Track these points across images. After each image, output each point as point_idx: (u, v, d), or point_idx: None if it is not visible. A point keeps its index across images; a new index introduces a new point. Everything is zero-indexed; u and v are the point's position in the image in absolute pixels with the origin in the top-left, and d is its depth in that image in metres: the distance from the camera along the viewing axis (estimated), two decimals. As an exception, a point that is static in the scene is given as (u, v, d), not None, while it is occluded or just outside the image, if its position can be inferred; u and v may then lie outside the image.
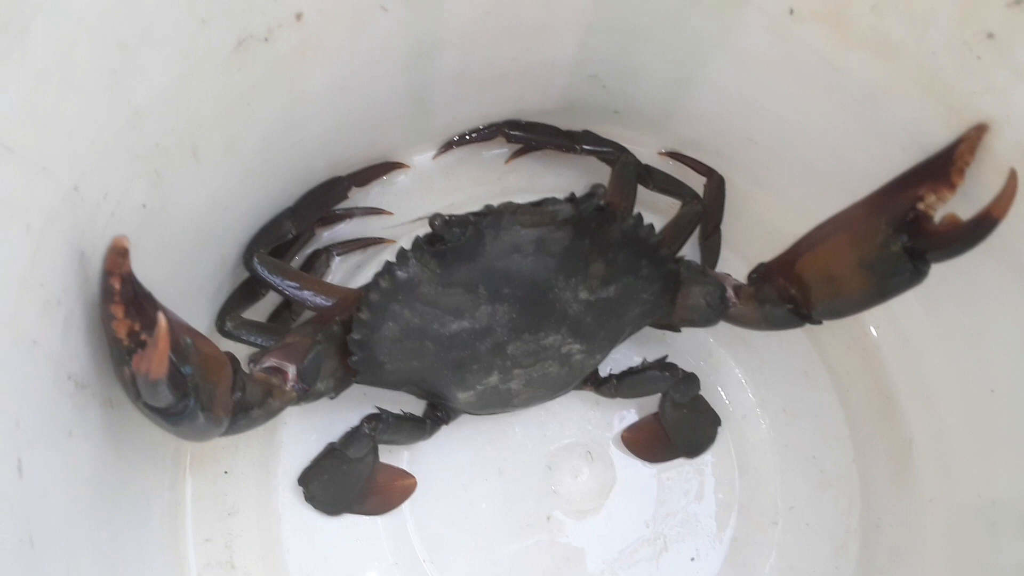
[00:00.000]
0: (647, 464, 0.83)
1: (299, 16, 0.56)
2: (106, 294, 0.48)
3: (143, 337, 0.48)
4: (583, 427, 0.82)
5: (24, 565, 0.44)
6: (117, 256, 0.48)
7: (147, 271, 0.52)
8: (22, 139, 0.41)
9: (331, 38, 0.60)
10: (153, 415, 0.50)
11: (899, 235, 0.59)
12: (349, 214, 0.81)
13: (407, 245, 0.63)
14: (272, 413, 0.61)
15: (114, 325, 0.48)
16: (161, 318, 0.44)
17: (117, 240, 0.47)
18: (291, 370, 0.62)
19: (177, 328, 0.50)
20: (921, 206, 0.59)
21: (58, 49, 0.42)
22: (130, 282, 0.48)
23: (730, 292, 0.70)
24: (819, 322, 0.67)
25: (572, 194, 0.63)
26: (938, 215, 0.59)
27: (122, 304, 0.48)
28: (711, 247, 0.80)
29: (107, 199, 0.50)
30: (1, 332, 0.42)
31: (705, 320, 0.72)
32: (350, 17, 0.60)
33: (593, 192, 0.63)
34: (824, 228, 0.65)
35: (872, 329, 0.82)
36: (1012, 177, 0.55)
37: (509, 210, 0.61)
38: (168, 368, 0.46)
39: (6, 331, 0.43)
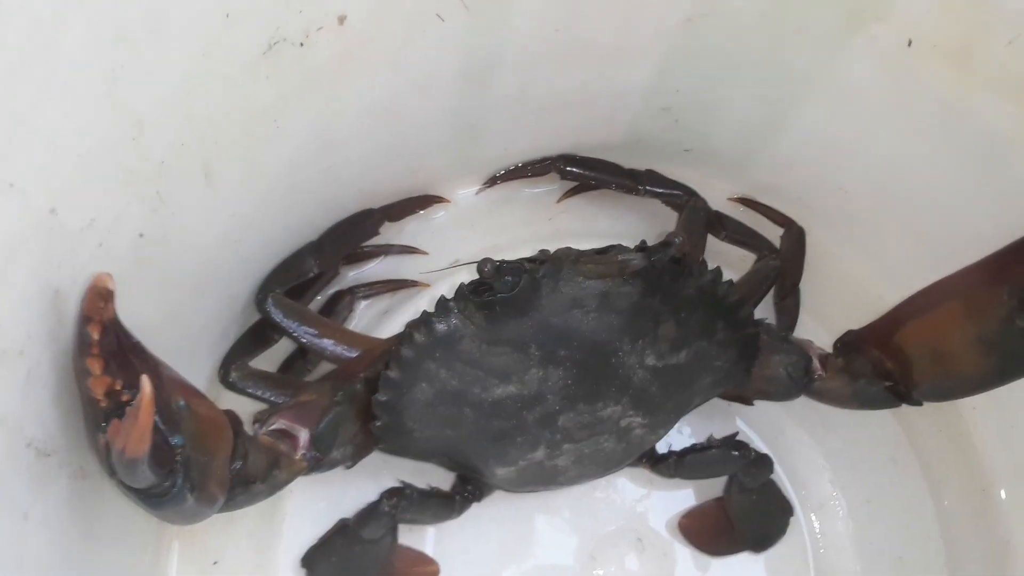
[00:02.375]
0: (706, 556, 0.78)
1: (342, 19, 0.54)
2: (82, 344, 0.44)
3: (124, 398, 0.44)
4: (633, 510, 0.78)
5: None
6: (97, 298, 0.43)
7: (139, 312, 0.48)
8: None
9: (377, 47, 0.58)
10: (131, 495, 0.45)
11: None
12: (379, 252, 0.79)
13: (447, 292, 0.60)
14: (277, 487, 0.56)
15: (90, 383, 0.43)
16: (146, 383, 0.38)
17: (98, 279, 0.43)
18: (303, 435, 0.58)
19: (169, 387, 0.45)
20: None
21: (38, 36, 0.39)
22: (113, 330, 0.44)
23: (816, 363, 0.66)
24: (919, 403, 0.63)
25: (643, 242, 0.60)
26: None
27: (101, 358, 0.44)
28: (788, 308, 0.76)
29: (93, 226, 0.46)
30: None
31: (784, 393, 0.68)
32: (401, 24, 0.57)
33: (669, 241, 0.60)
34: (930, 294, 0.62)
35: (970, 413, 0.77)
36: None
37: (570, 258, 0.58)
38: (152, 442, 0.41)
39: None
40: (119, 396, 0.43)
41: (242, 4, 0.48)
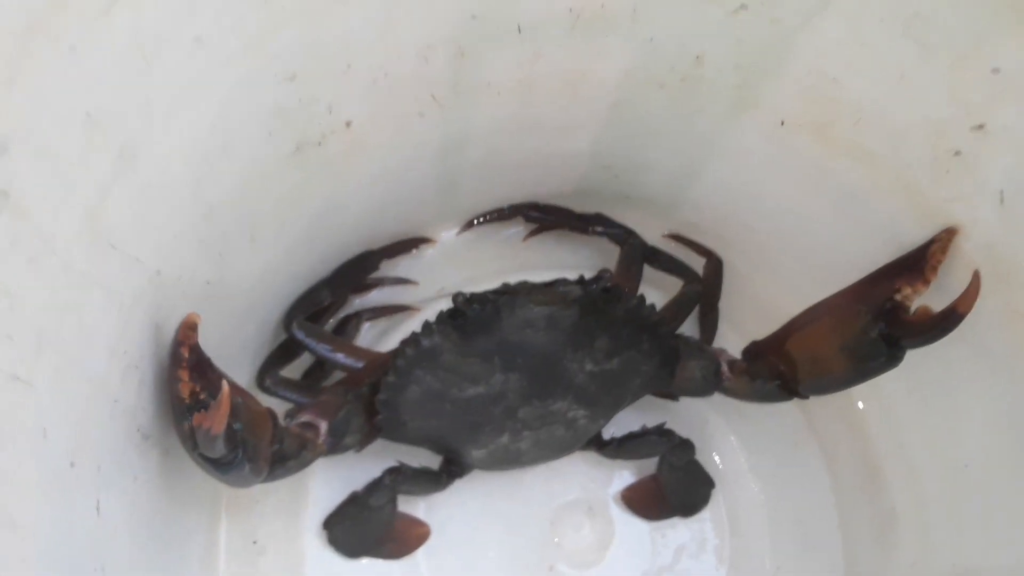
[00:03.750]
0: (644, 521, 0.85)
1: (348, 124, 0.61)
2: (175, 360, 0.53)
3: (202, 397, 0.52)
4: (585, 485, 0.84)
5: None
6: (188, 329, 0.53)
7: (205, 336, 0.56)
8: (124, 238, 0.47)
9: (374, 140, 0.65)
10: (207, 465, 0.54)
11: (877, 323, 0.62)
12: (379, 283, 0.84)
13: (431, 317, 0.65)
14: (304, 464, 0.64)
15: (180, 387, 0.52)
16: (225, 385, 0.50)
17: (190, 316, 0.53)
18: (323, 426, 0.65)
19: (234, 390, 0.53)
20: (898, 297, 0.63)
21: (157, 168, 0.48)
22: (196, 350, 0.54)
23: (724, 367, 0.73)
24: (806, 397, 0.70)
25: (581, 276, 0.66)
26: (913, 306, 0.62)
27: (188, 369, 0.53)
28: (709, 323, 0.82)
29: (180, 280, 0.55)
30: (94, 392, 0.48)
31: (701, 391, 0.74)
32: (392, 123, 0.64)
33: (600, 276, 0.66)
34: (811, 312, 0.68)
35: (860, 403, 0.83)
36: (976, 277, 0.60)
37: (524, 290, 0.64)
38: (226, 425, 0.51)
39: (97, 391, 0.48)
40: (198, 395, 0.52)
41: (280, 125, 0.56)
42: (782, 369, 0.69)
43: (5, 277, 0.38)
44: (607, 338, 0.66)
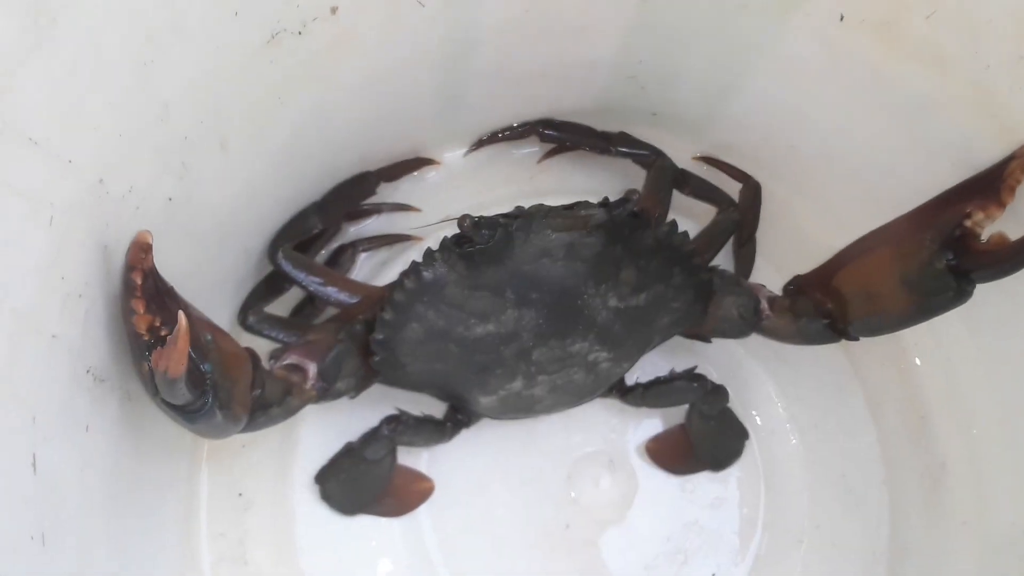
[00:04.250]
0: (670, 476, 0.83)
1: (334, 10, 0.58)
2: (127, 288, 0.49)
3: (163, 333, 0.50)
4: (606, 435, 0.83)
5: (34, 562, 0.45)
6: (140, 251, 0.49)
7: (170, 263, 0.53)
8: (48, 132, 0.43)
9: (365, 32, 0.61)
10: (171, 412, 0.51)
11: (944, 252, 0.59)
12: (377, 210, 0.82)
13: (434, 245, 0.63)
14: (291, 411, 0.62)
15: (134, 320, 0.49)
16: (181, 316, 0.45)
17: (140, 235, 0.49)
18: (312, 368, 0.63)
19: (198, 324, 0.51)
20: (968, 223, 0.59)
21: (86, 42, 0.44)
22: (152, 277, 0.50)
23: (764, 304, 0.70)
24: (856, 338, 0.67)
25: (606, 198, 0.63)
26: (985, 233, 0.59)
27: (143, 299, 0.49)
28: (745, 256, 0.81)
29: (132, 192, 0.51)
30: (21, 326, 0.44)
31: (737, 332, 0.72)
32: (386, 11, 0.61)
33: (627, 197, 0.64)
34: (865, 242, 0.66)
35: (911, 346, 0.81)
36: None
37: (540, 213, 0.61)
38: (187, 366, 0.48)
39: (26, 324, 0.44)
40: (159, 331, 0.49)
41: (248, 3, 0.52)
42: (830, 307, 0.67)
43: None
44: (634, 269, 0.64)
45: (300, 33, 0.57)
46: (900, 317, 0.64)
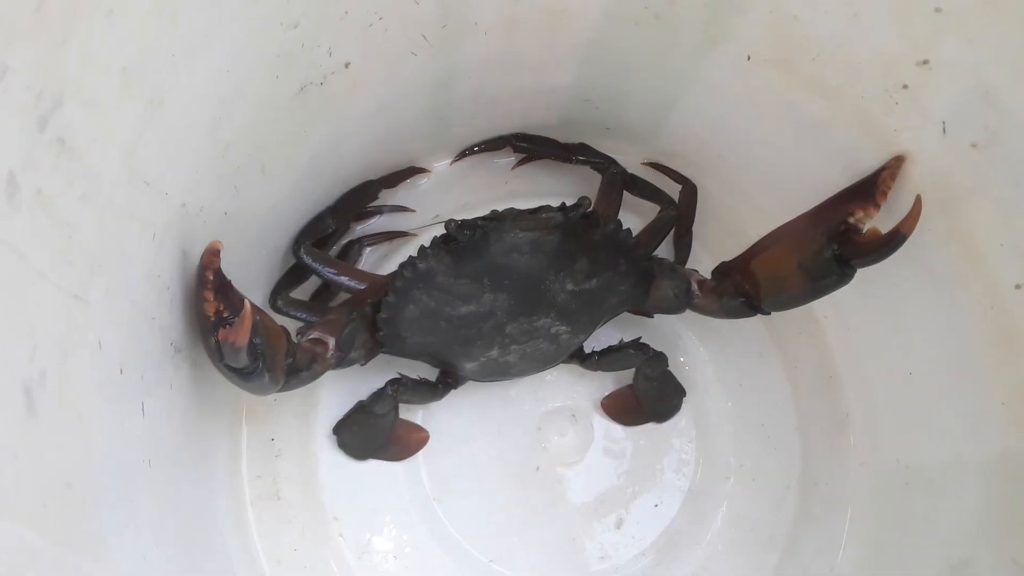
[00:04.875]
0: (622, 427, 0.88)
1: (347, 65, 0.64)
2: (201, 282, 0.56)
3: (226, 315, 0.57)
4: (569, 394, 0.88)
5: (145, 481, 0.55)
6: (211, 255, 0.56)
7: (225, 261, 0.59)
8: (156, 175, 0.51)
9: (371, 79, 0.67)
10: (231, 374, 0.59)
11: (831, 244, 0.65)
12: (379, 211, 0.85)
13: (427, 242, 0.68)
14: (316, 376, 0.67)
15: (206, 306, 0.56)
16: (247, 302, 0.55)
17: (213, 243, 0.56)
18: (331, 342, 0.68)
19: (254, 309, 0.58)
20: (851, 220, 0.65)
21: (180, 111, 0.51)
22: (219, 273, 0.57)
23: (695, 286, 0.76)
24: (768, 313, 0.73)
25: (563, 203, 0.68)
26: (865, 228, 0.65)
27: (212, 290, 0.56)
28: (683, 246, 0.84)
29: (202, 211, 0.58)
30: (135, 311, 0.53)
31: (673, 309, 0.77)
32: (387, 62, 0.66)
33: (580, 203, 0.69)
34: (774, 235, 0.71)
35: (821, 319, 0.86)
36: (918, 201, 0.63)
37: (510, 217, 0.66)
38: (249, 339, 0.55)
39: (138, 309, 0.53)
40: (222, 314, 0.56)
41: (286, 68, 0.59)
42: (747, 287, 0.72)
43: (65, 213, 0.43)
44: (586, 260, 0.70)
45: (322, 84, 0.63)
46: (798, 296, 0.70)
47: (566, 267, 0.69)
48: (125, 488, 0.51)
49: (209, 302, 0.56)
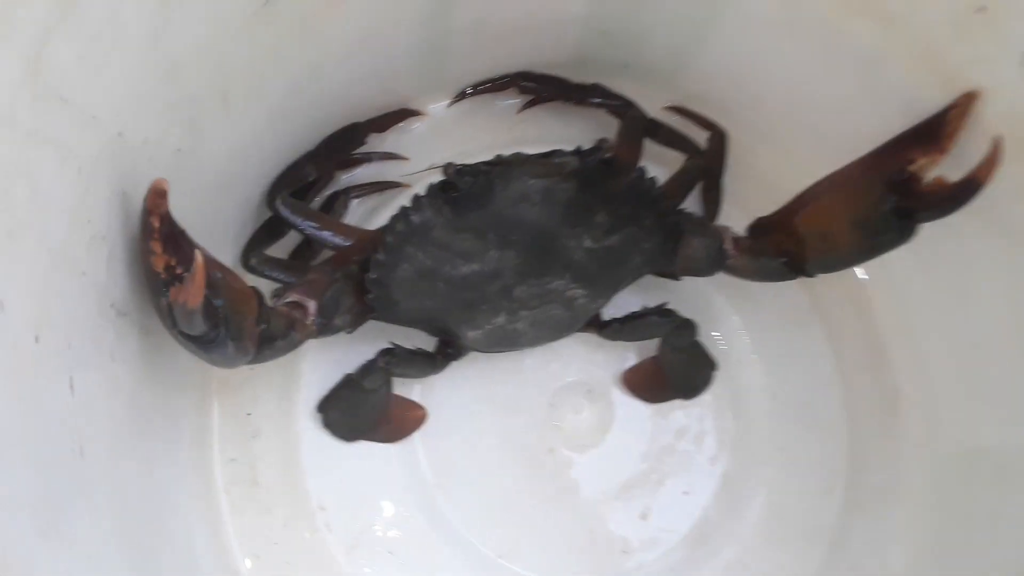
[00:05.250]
0: (645, 404, 0.84)
1: None
2: (146, 231, 0.50)
3: (178, 271, 0.50)
4: (585, 367, 0.84)
5: (75, 472, 0.48)
6: (157, 197, 0.49)
7: (180, 210, 0.53)
8: (76, 90, 0.44)
9: None
10: (187, 342, 0.53)
11: (890, 195, 0.61)
12: (367, 158, 0.81)
13: (422, 191, 0.65)
14: (294, 345, 0.63)
15: (153, 260, 0.50)
16: (198, 254, 0.47)
17: (157, 182, 0.49)
18: (312, 305, 0.64)
19: (210, 263, 0.52)
20: (912, 168, 0.60)
21: (107, 10, 0.44)
22: (167, 220, 0.50)
23: (728, 245, 0.71)
24: (812, 275, 0.68)
25: (579, 147, 0.64)
26: (928, 177, 0.61)
27: (160, 240, 0.50)
28: (712, 200, 0.80)
29: (146, 144, 0.52)
30: (55, 262, 0.46)
31: (704, 270, 0.73)
32: None
33: (599, 146, 0.65)
34: (820, 186, 0.66)
35: (867, 282, 0.82)
36: (996, 145, 0.57)
37: (518, 161, 0.62)
38: (203, 299, 0.49)
39: (60, 261, 0.46)
40: (174, 270, 0.49)
41: None
42: (788, 246, 0.68)
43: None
44: (606, 213, 0.65)
45: (291, -5, 0.56)
46: (851, 255, 0.67)
47: (583, 220, 0.64)
48: (47, 486, 0.45)
49: (156, 255, 0.49)
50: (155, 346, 0.60)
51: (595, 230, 0.66)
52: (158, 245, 0.50)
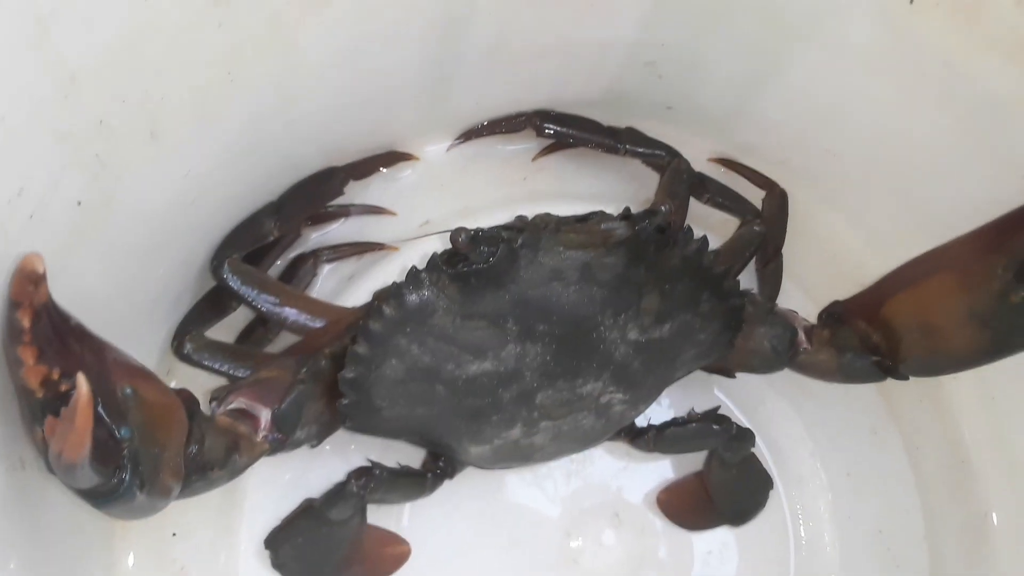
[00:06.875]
0: (685, 531, 0.77)
1: None
2: (12, 332, 0.41)
3: (63, 388, 0.40)
4: (611, 485, 0.77)
5: None
6: (26, 282, 0.40)
7: (83, 284, 0.47)
8: None
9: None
10: (75, 493, 0.43)
11: (1021, 283, 0.55)
12: (344, 212, 0.76)
13: (418, 258, 0.62)
14: (236, 472, 0.54)
15: (24, 373, 0.41)
16: (82, 383, 0.36)
17: (26, 261, 0.39)
18: (264, 415, 0.56)
19: (115, 374, 0.43)
20: None
21: None
22: (47, 314, 0.41)
23: (802, 336, 0.66)
24: (906, 378, 0.63)
25: (627, 209, 0.59)
26: None
27: (34, 346, 0.40)
28: (771, 275, 0.75)
29: (22, 196, 0.42)
30: None
31: (768, 366, 0.67)
32: None
33: (655, 210, 0.59)
34: (921, 264, 0.61)
35: (949, 380, 0.75)
36: None
37: (550, 226, 0.56)
38: (94, 440, 0.38)
39: None
40: (57, 386, 0.40)
41: None
42: (876, 340, 0.62)
43: None
44: (658, 295, 0.59)
45: (257, -10, 0.47)
46: (967, 356, 0.60)
47: (629, 305, 0.58)
48: None
49: (28, 366, 0.40)
50: (36, 482, 0.49)
51: (643, 318, 0.59)
52: (30, 353, 0.41)
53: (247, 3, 0.49)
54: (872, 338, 0.63)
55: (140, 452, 0.43)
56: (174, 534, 0.70)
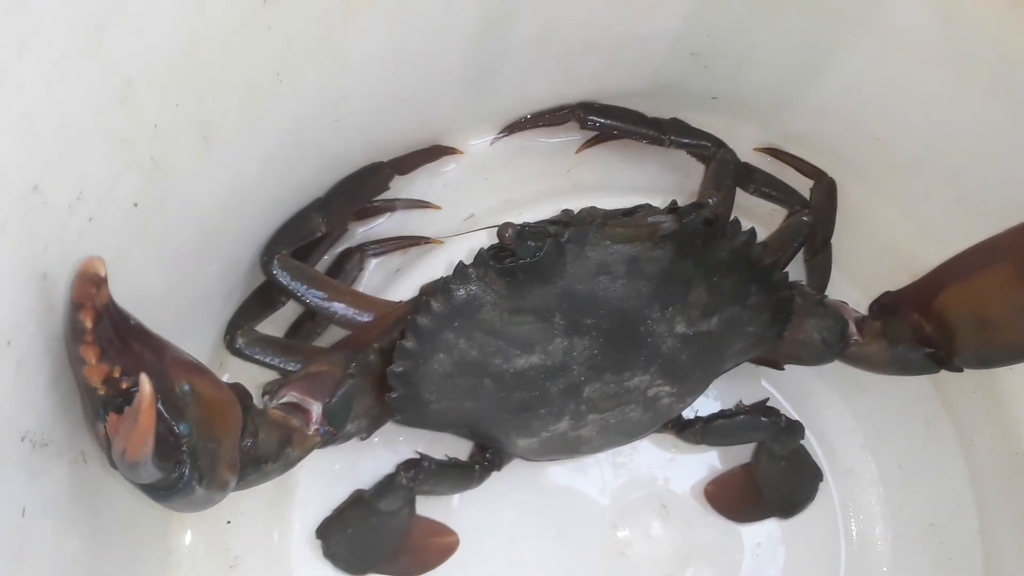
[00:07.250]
0: (733, 524, 0.77)
1: None
2: (75, 332, 0.40)
3: (124, 385, 0.41)
4: (658, 477, 0.77)
5: None
6: (88, 284, 0.39)
7: (139, 284, 0.47)
8: None
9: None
10: (137, 488, 0.44)
11: None
12: (390, 207, 0.77)
13: (463, 251, 0.63)
14: (289, 465, 0.55)
15: (86, 372, 0.41)
16: (145, 383, 0.36)
17: (87, 263, 0.39)
18: (315, 409, 0.57)
19: (173, 371, 0.43)
20: None
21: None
22: (108, 315, 0.41)
23: (852, 327, 0.65)
24: (960, 370, 0.62)
25: (674, 202, 0.59)
26: None
27: (96, 345, 0.40)
28: (819, 266, 0.75)
29: (82, 200, 0.42)
30: None
31: (818, 358, 0.67)
32: None
33: (702, 202, 0.61)
34: (975, 255, 0.60)
35: (1006, 371, 0.72)
36: None
37: (596, 220, 0.56)
38: (156, 437, 0.39)
39: None
40: (118, 384, 0.41)
41: None
42: (929, 332, 0.61)
43: None
44: (705, 288, 0.59)
45: (306, -6, 0.47)
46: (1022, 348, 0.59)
47: (677, 299, 0.58)
48: None
49: (90, 365, 0.40)
50: (97, 475, 0.50)
51: (691, 311, 0.59)
52: (92, 352, 0.41)
53: (295, 4, 0.49)
54: (925, 330, 0.62)
55: (198, 447, 0.43)
56: (228, 522, 0.70)
